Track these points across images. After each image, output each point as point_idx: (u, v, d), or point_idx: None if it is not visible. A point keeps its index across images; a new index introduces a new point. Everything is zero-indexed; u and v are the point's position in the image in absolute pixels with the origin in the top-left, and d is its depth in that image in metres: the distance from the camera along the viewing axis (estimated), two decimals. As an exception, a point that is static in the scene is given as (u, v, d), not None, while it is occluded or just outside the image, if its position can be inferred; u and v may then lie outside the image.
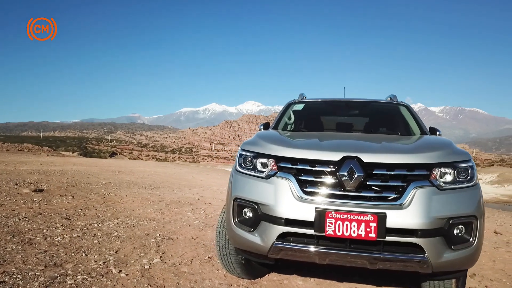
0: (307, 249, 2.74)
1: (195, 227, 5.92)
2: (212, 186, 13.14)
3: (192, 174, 19.13)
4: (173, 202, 8.24)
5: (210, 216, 6.91)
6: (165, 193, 9.60)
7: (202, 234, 5.47)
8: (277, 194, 2.85)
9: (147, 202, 7.91)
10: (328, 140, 3.30)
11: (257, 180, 3.00)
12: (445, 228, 2.66)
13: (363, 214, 2.62)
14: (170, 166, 25.99)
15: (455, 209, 2.70)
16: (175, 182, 13.17)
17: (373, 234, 2.60)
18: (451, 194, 2.74)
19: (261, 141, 3.26)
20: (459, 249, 2.72)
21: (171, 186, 11.42)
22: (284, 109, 4.83)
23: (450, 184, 2.79)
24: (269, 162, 3.02)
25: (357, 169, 2.74)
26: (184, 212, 7.12)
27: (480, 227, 2.81)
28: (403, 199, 2.67)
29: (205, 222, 6.35)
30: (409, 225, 2.60)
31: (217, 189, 11.92)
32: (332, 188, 2.78)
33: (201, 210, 7.53)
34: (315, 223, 2.68)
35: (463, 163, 2.89)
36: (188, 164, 66.39)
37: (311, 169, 2.85)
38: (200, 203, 8.46)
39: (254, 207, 2.94)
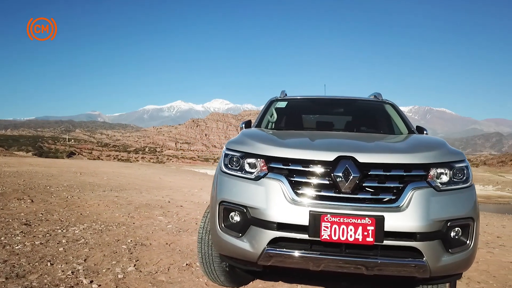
0: (301, 255, 2.65)
1: (168, 231, 5.75)
2: (182, 188, 12.90)
3: (159, 175, 18.76)
4: (142, 205, 8.01)
5: (184, 220, 6.75)
6: (133, 196, 9.33)
7: (176, 239, 5.31)
8: (268, 196, 2.75)
9: (114, 206, 7.65)
10: (320, 139, 3.24)
11: (245, 182, 2.89)
12: (443, 231, 2.64)
13: (360, 217, 2.56)
14: (135, 167, 25.43)
15: (452, 211, 2.69)
16: (142, 184, 12.85)
17: (371, 238, 2.54)
18: (448, 196, 2.73)
19: (248, 140, 3.15)
20: (456, 253, 2.71)
21: (139, 188, 11.13)
22: (266, 106, 4.74)
23: (447, 185, 2.78)
24: (258, 162, 2.91)
25: (353, 170, 2.69)
26: (155, 216, 6.92)
27: (477, 229, 2.82)
28: (401, 201, 2.63)
29: (178, 226, 6.19)
30: (408, 228, 2.57)
31: (188, 191, 11.70)
32: (326, 189, 2.71)
33: (173, 213, 7.35)
34: (309, 227, 2.60)
35: (459, 163, 2.89)
36: (152, 164, 65.33)
37: (304, 169, 2.77)
38: (171, 206, 8.26)
39: (243, 210, 2.83)
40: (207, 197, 10.24)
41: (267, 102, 4.86)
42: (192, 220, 6.83)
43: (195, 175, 23.05)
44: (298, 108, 5.01)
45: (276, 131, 3.73)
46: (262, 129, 4.08)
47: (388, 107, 4.73)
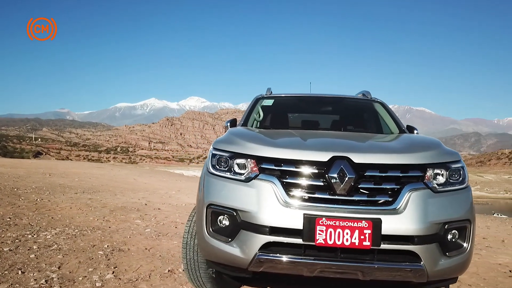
0: (294, 260, 2.60)
1: (147, 236, 5.63)
2: (158, 189, 12.71)
3: (133, 176, 18.46)
4: (118, 208, 7.84)
5: (162, 224, 6.63)
6: (107, 198, 9.13)
7: (156, 244, 5.20)
8: (260, 199, 2.69)
9: (88, 209, 7.46)
10: (312, 139, 3.20)
11: (235, 183, 2.82)
12: (441, 233, 2.64)
13: (356, 221, 2.52)
14: (108, 167, 24.98)
15: (450, 213, 2.69)
16: (116, 185, 12.60)
17: (368, 242, 2.51)
18: (445, 197, 2.73)
19: (237, 139, 3.09)
20: (453, 256, 2.70)
21: (113, 190, 10.90)
22: (252, 104, 4.68)
23: (444, 186, 2.77)
24: (249, 163, 2.85)
25: (348, 171, 2.65)
26: (132, 220, 6.77)
27: (473, 231, 2.83)
28: (398, 203, 2.61)
29: (157, 230, 6.07)
30: (405, 231, 2.55)
31: (165, 193, 11.53)
32: (320, 191, 2.67)
33: (151, 216, 7.21)
34: (303, 231, 2.56)
35: (455, 163, 2.90)
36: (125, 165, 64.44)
37: (297, 170, 2.72)
38: (148, 209, 8.12)
39: (232, 214, 2.76)
40: (185, 200, 10.12)
41: (253, 100, 4.80)
42: (171, 223, 6.71)
43: (171, 176, 22.79)
44: (285, 106, 4.97)
45: (265, 130, 3.67)
46: (250, 128, 4.01)
47: (378, 106, 4.74)
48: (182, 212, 7.98)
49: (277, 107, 4.87)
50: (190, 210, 8.30)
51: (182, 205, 9.08)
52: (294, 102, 5.00)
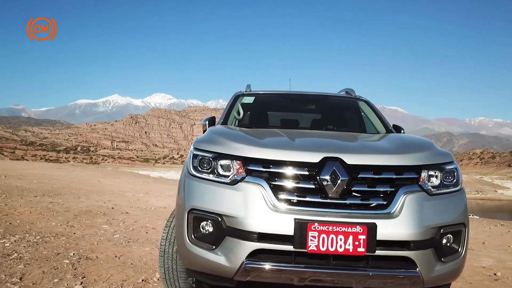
0: (284, 268, 2.54)
1: (116, 242, 5.45)
2: (125, 192, 12.43)
3: (97, 177, 18.03)
4: (82, 212, 7.59)
5: (132, 229, 6.45)
6: (70, 201, 8.84)
7: (126, 251, 5.04)
8: (247, 203, 2.61)
9: (49, 213, 7.18)
10: (300, 138, 3.14)
11: (219, 186, 2.73)
12: (436, 238, 2.63)
13: (351, 226, 2.48)
14: (68, 168, 24.31)
15: (445, 217, 2.68)
16: (79, 187, 12.25)
17: (362, 249, 2.47)
18: (440, 200, 2.72)
19: (220, 139, 2.99)
20: (449, 261, 2.70)
21: (76, 193, 10.59)
22: (232, 102, 4.58)
23: (438, 188, 2.77)
24: (234, 164, 2.76)
25: (341, 173, 2.60)
26: (99, 225, 6.57)
27: (468, 235, 2.83)
28: (393, 206, 2.58)
29: (127, 236, 5.90)
30: (401, 236, 2.52)
31: (132, 196, 11.28)
32: (312, 195, 2.61)
33: (119, 221, 7.02)
34: (294, 237, 2.49)
35: (449, 164, 2.89)
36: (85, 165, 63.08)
37: (287, 172, 2.65)
38: (115, 213, 7.90)
39: (217, 220, 2.67)
40: (154, 203, 9.92)
41: (232, 97, 4.70)
42: (142, 228, 6.55)
43: (137, 178, 22.38)
44: (267, 104, 4.90)
45: (249, 129, 3.59)
46: (232, 127, 3.92)
47: (363, 104, 4.73)
48: (152, 216, 7.81)
49: (259, 105, 4.80)
50: (160, 214, 8.14)
51: (151, 208, 8.89)
52: (276, 99, 4.93)
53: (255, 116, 4.71)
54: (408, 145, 3.01)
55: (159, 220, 7.38)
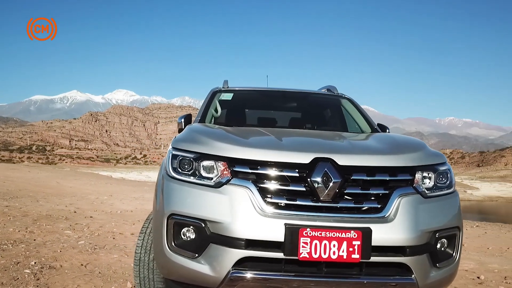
0: (273, 277, 2.46)
1: (81, 249, 5.25)
2: (87, 194, 12.09)
3: (56, 179, 17.50)
4: (42, 216, 7.31)
5: (97, 234, 6.25)
6: (27, 205, 8.51)
7: (93, 258, 4.85)
8: (234, 207, 2.51)
9: (6, 218, 6.89)
10: (288, 137, 3.07)
11: (203, 189, 2.63)
12: (431, 243, 2.61)
13: (345, 231, 2.42)
14: (24, 169, 23.53)
15: (440, 220, 2.67)
16: (37, 190, 11.84)
17: (357, 255, 2.42)
18: (435, 203, 2.70)
19: (202, 138, 2.89)
20: (443, 267, 2.69)
21: (34, 196, 10.22)
22: (209, 98, 4.46)
23: (432, 190, 2.75)
24: (218, 165, 2.67)
25: (333, 174, 2.54)
26: (61, 230, 6.33)
27: (462, 239, 2.83)
28: (387, 210, 2.54)
29: (93, 242, 5.69)
30: (396, 241, 2.48)
31: (96, 199, 10.98)
32: (302, 198, 2.54)
33: (83, 226, 6.79)
34: (285, 243, 2.41)
35: (442, 165, 2.88)
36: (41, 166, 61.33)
37: (276, 174, 2.57)
38: (78, 217, 7.66)
39: (200, 225, 2.57)
40: (120, 206, 9.68)
41: (209, 93, 4.59)
42: (108, 234, 6.35)
43: (99, 179, 21.87)
44: (247, 101, 4.82)
45: (232, 128, 3.49)
46: (212, 125, 3.81)
47: (346, 102, 4.71)
48: (118, 220, 7.59)
49: (238, 102, 4.71)
50: (127, 218, 7.94)
51: (117, 212, 8.66)
52: (256, 96, 4.85)
53: (234, 114, 4.62)
54: (400, 145, 2.98)
55: (126, 225, 7.19)
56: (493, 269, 5.44)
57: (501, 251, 6.98)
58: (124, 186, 17.26)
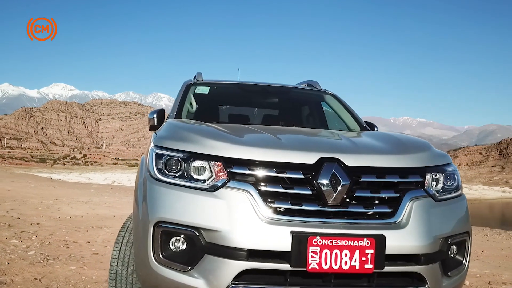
0: None
1: (32, 261, 4.91)
2: (29, 198, 11.46)
3: (-11, 181, 16.59)
4: (-19, 224, 6.83)
5: (48, 243, 5.90)
6: (-39, 211, 7.95)
7: (48, 271, 4.54)
8: (233, 214, 2.36)
9: None
10: (284, 135, 2.95)
11: (196, 193, 2.46)
12: (444, 250, 2.55)
13: (357, 238, 2.31)
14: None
15: (452, 226, 2.63)
16: (-31, 193, 11.13)
17: (370, 265, 2.32)
18: (446, 206, 2.65)
19: (191, 135, 2.72)
20: (454, 275, 2.65)
21: (-34, 200, 9.58)
22: (183, 92, 4.24)
23: (442, 193, 2.70)
24: (212, 166, 2.50)
25: (342, 176, 2.43)
26: (6, 239, 5.93)
27: (471, 246, 2.81)
28: (399, 215, 2.46)
29: (44, 252, 5.35)
30: (410, 249, 2.41)
31: (40, 203, 10.41)
32: (308, 202, 2.42)
33: (30, 234, 6.39)
34: (292, 253, 2.28)
35: (449, 166, 2.84)
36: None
37: (278, 176, 2.44)
38: (23, 224, 7.22)
39: (193, 234, 2.40)
40: (69, 211, 9.24)
41: (183, 86, 4.38)
42: (60, 242, 6.01)
43: (40, 181, 20.88)
44: (225, 96, 4.67)
45: (220, 124, 3.32)
46: (198, 122, 3.64)
47: (330, 98, 4.63)
48: (69, 227, 7.22)
49: (215, 97, 4.55)
50: (79, 224, 7.57)
51: (66, 218, 8.26)
52: (235, 91, 4.69)
53: (212, 109, 4.45)
54: (406, 145, 2.92)
55: (79, 232, 6.84)
56: (475, 273, 5.53)
57: (477, 255, 7.16)
58: (69, 189, 16.55)
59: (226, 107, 4.80)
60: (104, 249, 5.74)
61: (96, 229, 7.19)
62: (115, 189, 17.00)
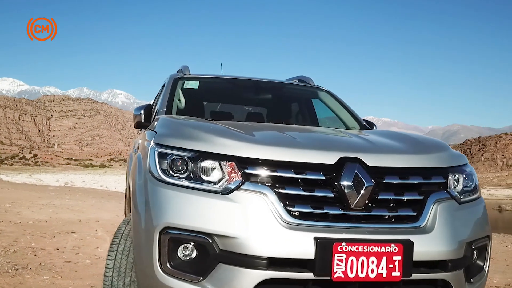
0: None
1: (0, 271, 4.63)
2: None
3: None
4: None
5: (13, 251, 5.62)
6: None
7: (18, 282, 4.31)
8: (250, 218, 2.25)
9: None
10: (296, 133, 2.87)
11: (207, 196, 2.33)
12: (468, 255, 2.52)
13: (384, 244, 2.24)
14: None
15: (475, 230, 2.60)
16: None
17: (397, 272, 2.25)
18: (468, 209, 2.63)
19: (198, 132, 2.59)
20: (476, 282, 2.63)
21: None
22: (171, 87, 4.06)
23: (463, 195, 2.66)
24: (224, 166, 2.38)
25: (365, 177, 2.35)
26: (-35, 248, 5.59)
27: (491, 250, 2.79)
28: (424, 218, 2.41)
29: (11, 261, 5.09)
30: (438, 255, 2.35)
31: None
32: (330, 206, 2.33)
33: (-10, 241, 6.06)
34: (316, 261, 2.19)
35: (466, 167, 2.81)
36: None
37: (297, 177, 2.34)
38: (-20, 229, 6.84)
39: (206, 241, 2.27)
40: (30, 215, 8.86)
41: (169, 80, 4.21)
42: (27, 250, 5.73)
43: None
44: (216, 92, 4.54)
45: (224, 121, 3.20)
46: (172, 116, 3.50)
47: (325, 95, 4.56)
48: (34, 232, 6.91)
49: (206, 92, 4.41)
50: (44, 229, 7.26)
51: (29, 222, 7.91)
52: (226, 86, 4.56)
53: (203, 105, 4.33)
54: (426, 144, 2.86)
55: (45, 238, 6.55)
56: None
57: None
58: (24, 191, 15.91)
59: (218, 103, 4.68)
60: (76, 257, 5.50)
61: (63, 235, 6.91)
62: (73, 191, 16.51)
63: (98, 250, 6.00)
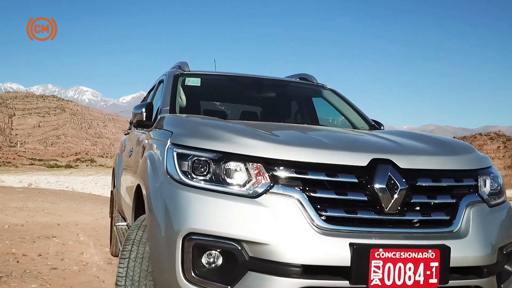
0: None
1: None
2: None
3: None
4: None
5: (-6, 258, 5.39)
6: None
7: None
8: (281, 223, 2.18)
9: None
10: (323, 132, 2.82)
11: (234, 200, 2.26)
12: (500, 260, 2.51)
13: (421, 250, 2.21)
14: None
15: (506, 234, 2.61)
16: None
17: (435, 279, 2.22)
18: (498, 213, 2.63)
19: (220, 132, 2.52)
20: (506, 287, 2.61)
21: None
22: (172, 84, 3.94)
23: (492, 198, 2.65)
24: (250, 168, 2.30)
25: (398, 180, 2.32)
26: None
27: None
28: (457, 222, 2.39)
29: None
30: (474, 260, 2.34)
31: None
32: (363, 210, 2.29)
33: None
34: (352, 268, 2.14)
35: (492, 169, 2.82)
36: None
37: (329, 179, 2.29)
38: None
39: (235, 248, 2.19)
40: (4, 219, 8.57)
41: (170, 77, 4.08)
42: (8, 256, 5.53)
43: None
44: (219, 90, 4.45)
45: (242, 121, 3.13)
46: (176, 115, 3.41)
47: (329, 94, 4.52)
48: (12, 237, 6.69)
49: (208, 90, 4.32)
50: (22, 234, 7.03)
51: (4, 227, 7.65)
52: (230, 84, 4.48)
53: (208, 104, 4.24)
54: (453, 146, 2.85)
55: (25, 243, 6.34)
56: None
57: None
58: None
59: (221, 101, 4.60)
60: (62, 263, 5.34)
61: (43, 240, 6.70)
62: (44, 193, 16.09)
63: (84, 256, 5.84)
